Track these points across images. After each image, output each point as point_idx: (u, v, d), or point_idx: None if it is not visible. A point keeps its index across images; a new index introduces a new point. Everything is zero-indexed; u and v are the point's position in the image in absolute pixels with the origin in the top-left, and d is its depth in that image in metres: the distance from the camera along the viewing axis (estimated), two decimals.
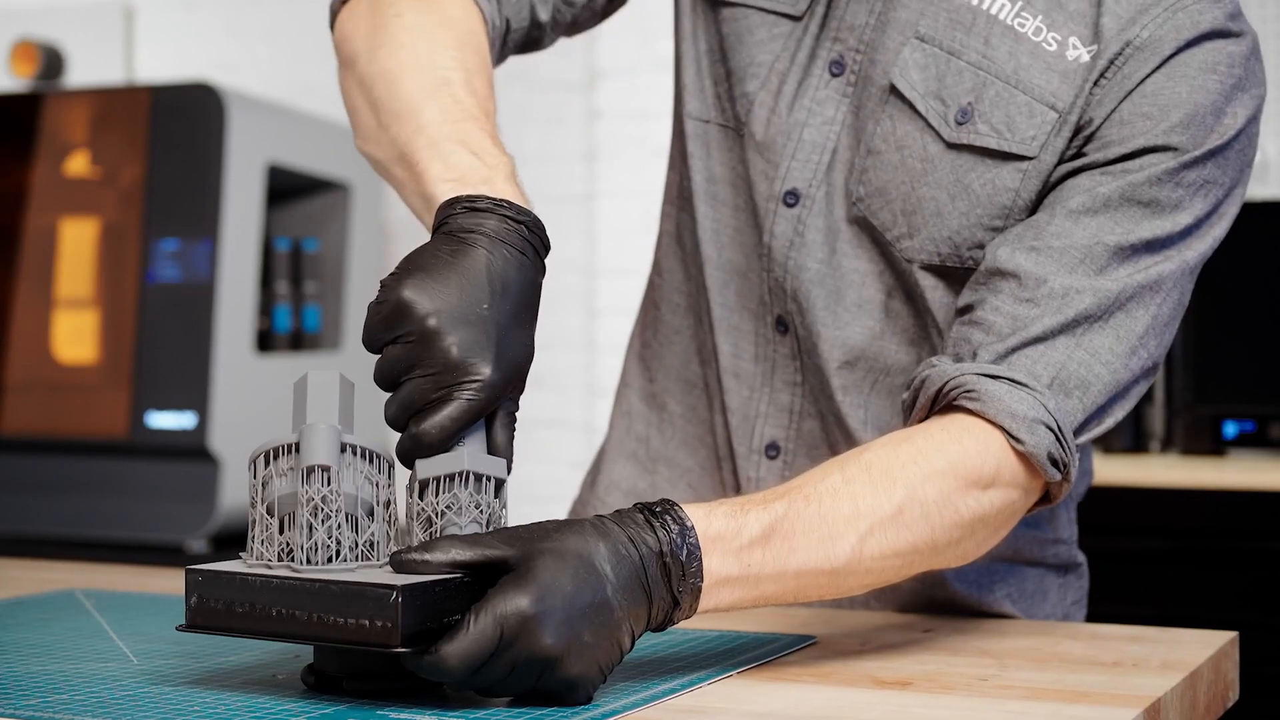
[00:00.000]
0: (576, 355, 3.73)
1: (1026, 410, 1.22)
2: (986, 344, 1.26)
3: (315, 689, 1.06)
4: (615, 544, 1.04)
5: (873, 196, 1.36)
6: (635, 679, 1.10)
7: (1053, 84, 1.30)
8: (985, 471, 1.21)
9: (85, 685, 1.08)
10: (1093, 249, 1.26)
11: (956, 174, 1.32)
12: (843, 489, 1.16)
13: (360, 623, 0.98)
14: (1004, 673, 1.18)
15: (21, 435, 3.07)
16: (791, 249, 1.40)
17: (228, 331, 2.98)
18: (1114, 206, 1.26)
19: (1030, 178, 1.31)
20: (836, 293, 1.38)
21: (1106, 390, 1.26)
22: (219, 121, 2.99)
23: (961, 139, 1.32)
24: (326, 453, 1.04)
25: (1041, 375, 1.24)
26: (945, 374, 1.24)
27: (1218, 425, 3.20)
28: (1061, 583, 1.50)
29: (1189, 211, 1.27)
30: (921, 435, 1.22)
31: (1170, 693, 1.13)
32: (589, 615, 1.01)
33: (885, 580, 1.20)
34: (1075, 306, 1.25)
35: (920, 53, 1.34)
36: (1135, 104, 1.27)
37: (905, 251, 1.35)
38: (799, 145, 1.39)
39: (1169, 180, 1.26)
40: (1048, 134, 1.30)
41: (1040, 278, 1.26)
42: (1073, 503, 1.50)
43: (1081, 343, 1.25)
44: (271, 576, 1.01)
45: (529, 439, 3.75)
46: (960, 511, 1.20)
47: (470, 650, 0.98)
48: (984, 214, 1.32)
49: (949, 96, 1.32)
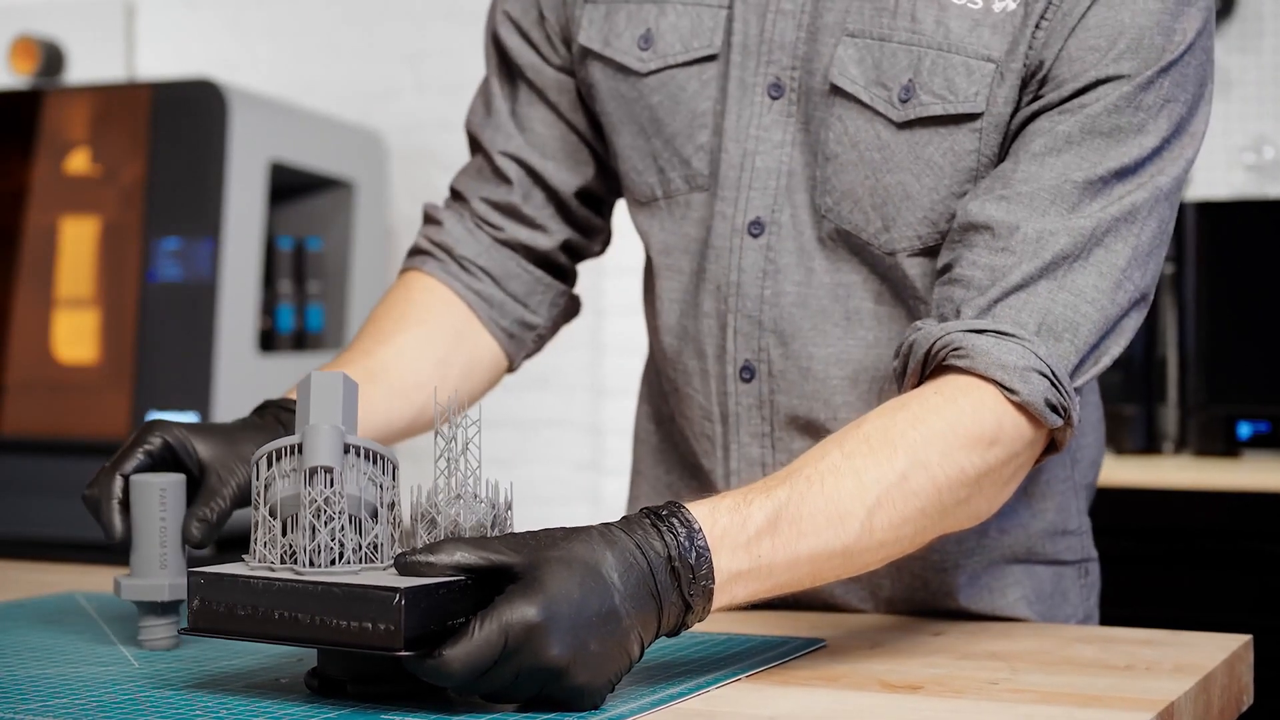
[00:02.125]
0: (582, 355, 3.72)
1: (1017, 360, 1.22)
2: (968, 299, 1.26)
3: (319, 693, 1.05)
4: (623, 552, 1.04)
5: (841, 202, 1.36)
6: (643, 683, 1.09)
7: (984, 38, 1.30)
8: (985, 428, 1.21)
9: (86, 689, 1.07)
10: (1061, 188, 1.26)
11: (915, 151, 1.33)
12: (844, 465, 1.16)
13: (363, 625, 0.98)
14: (1015, 676, 1.17)
15: (21, 436, 3.06)
16: (765, 279, 1.39)
17: (230, 331, 2.97)
18: (1076, 142, 1.27)
19: (988, 134, 1.31)
20: (822, 311, 1.38)
21: (1097, 329, 1.26)
22: (221, 119, 2.98)
23: (909, 115, 1.32)
24: (329, 454, 1.04)
25: (1028, 323, 1.24)
26: (931, 335, 1.24)
27: (1231, 426, 3.19)
28: (1083, 583, 1.49)
29: (1153, 134, 1.27)
30: (917, 400, 1.22)
31: (1184, 697, 1.12)
32: (596, 625, 1.00)
33: (900, 550, 1.20)
34: (1051, 248, 1.25)
35: (853, 48, 1.35)
36: (1080, 39, 1.27)
37: (885, 245, 1.35)
38: (754, 174, 1.39)
39: (1127, 106, 1.27)
40: (989, 86, 1.30)
41: (1013, 225, 1.26)
42: (1083, 493, 1.49)
43: (1064, 284, 1.25)
44: (274, 579, 1.01)
45: (533, 439, 3.74)
46: (965, 470, 1.20)
47: (473, 656, 0.97)
48: (952, 183, 1.33)
49: (889, 80, 1.33)
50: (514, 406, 3.64)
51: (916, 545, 1.22)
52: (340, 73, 3.94)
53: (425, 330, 1.46)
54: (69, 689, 1.07)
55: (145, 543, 1.21)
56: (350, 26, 3.95)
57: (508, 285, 1.51)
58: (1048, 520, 1.45)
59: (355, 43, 3.94)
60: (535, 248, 1.52)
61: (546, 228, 1.52)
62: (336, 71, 3.94)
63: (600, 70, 1.46)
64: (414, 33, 3.89)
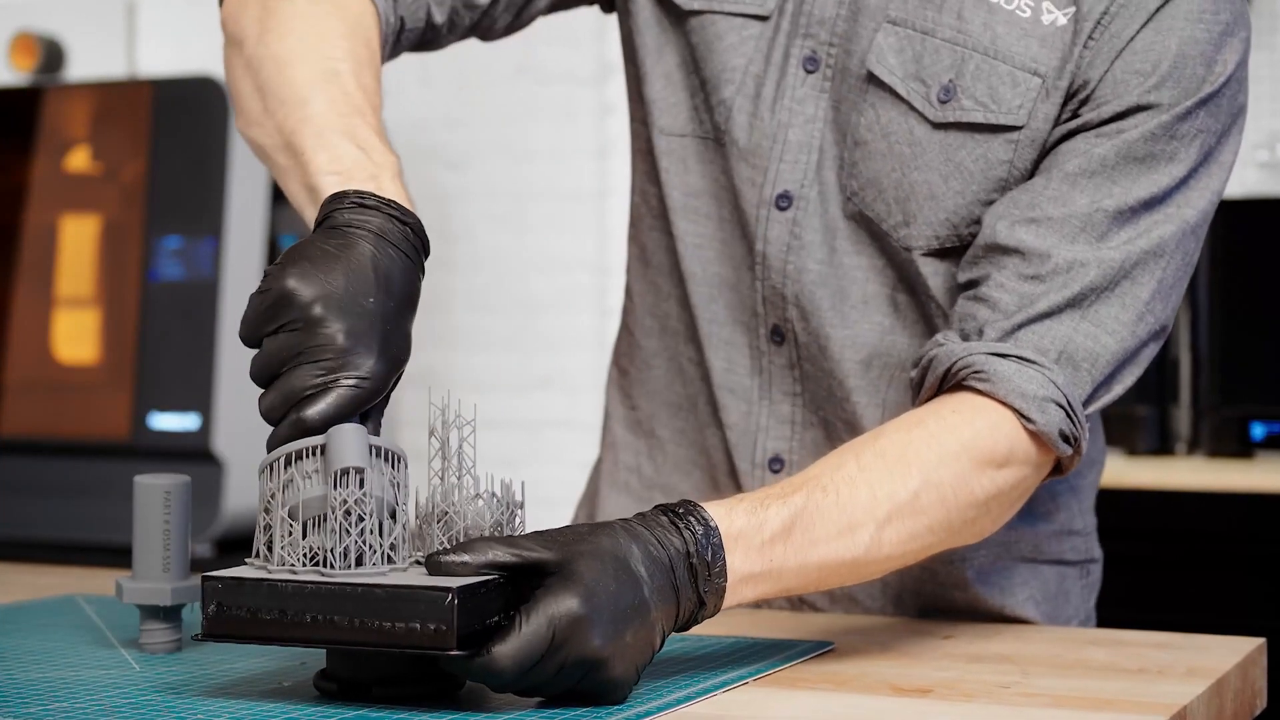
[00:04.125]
0: (588, 355, 3.72)
1: (1036, 389, 1.23)
2: (993, 321, 1.27)
3: (338, 697, 1.04)
4: (646, 545, 1.05)
5: (866, 188, 1.35)
6: (651, 687, 1.09)
7: (1032, 49, 1.30)
8: (999, 451, 1.23)
9: (86, 693, 1.06)
10: (1092, 216, 1.27)
11: (946, 153, 1.32)
12: (859, 477, 1.18)
13: (410, 626, 0.97)
14: (1026, 680, 1.16)
15: (21, 437, 3.06)
16: (789, 253, 1.38)
17: (232, 331, 2.96)
18: (1111, 166, 1.27)
19: (1024, 147, 1.31)
20: (841, 292, 1.38)
21: (1115, 359, 1.27)
22: (223, 115, 2.97)
23: (947, 117, 1.32)
24: (357, 454, 1.03)
25: (1049, 350, 1.26)
26: (953, 354, 1.25)
27: (1245, 427, 3.18)
28: (1084, 584, 1.49)
29: (1183, 162, 1.28)
30: (934, 418, 1.23)
31: (1196, 700, 1.12)
32: (631, 616, 1.01)
33: (905, 563, 1.23)
34: (1081, 280, 1.26)
35: (894, 36, 1.34)
36: (1126, 61, 1.28)
37: (903, 240, 1.35)
38: (785, 147, 1.39)
39: (1164, 134, 1.27)
40: (1034, 100, 1.30)
41: (1044, 253, 1.27)
42: (1087, 493, 1.49)
43: (1088, 315, 1.27)
44: (305, 581, 1.00)
45: (539, 440, 3.74)
46: (975, 492, 1.22)
47: (523, 652, 0.98)
48: (979, 190, 1.32)
49: (929, 76, 1.32)
50: (519, 407, 3.64)
51: (920, 559, 1.24)
52: None
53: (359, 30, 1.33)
54: (69, 692, 1.06)
55: (148, 545, 1.20)
56: None
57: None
58: (1055, 521, 1.45)
59: None
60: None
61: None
62: None
63: None
64: None
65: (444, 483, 1.07)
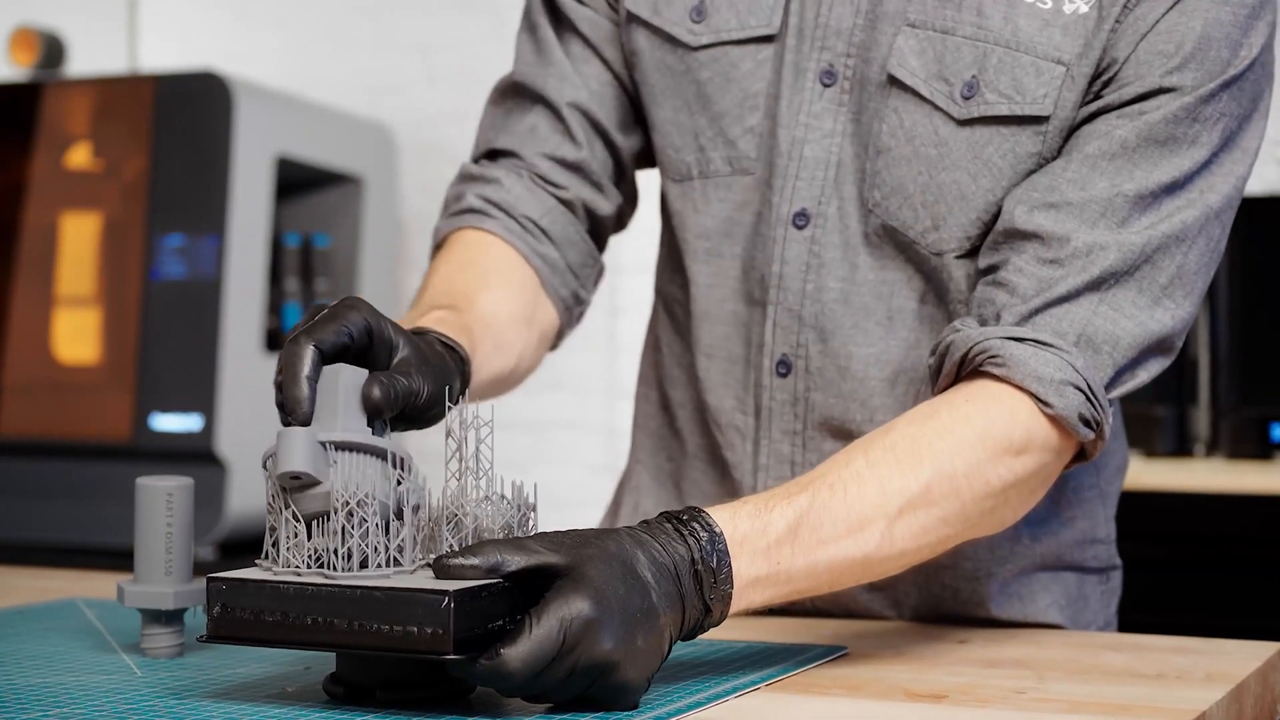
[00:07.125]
0: (597, 355, 3.71)
1: (1054, 373, 1.22)
2: (1010, 305, 1.26)
3: (344, 700, 1.04)
4: (651, 551, 1.04)
5: (890, 197, 1.34)
6: (663, 691, 1.08)
7: (1054, 39, 1.29)
8: (1015, 438, 1.21)
9: (87, 698, 1.06)
10: (1112, 201, 1.26)
11: (974, 150, 1.31)
12: (867, 473, 1.17)
13: (408, 629, 0.97)
14: (1042, 685, 1.16)
15: (21, 438, 3.05)
16: (809, 272, 1.37)
17: (235, 330, 2.96)
18: (1131, 148, 1.26)
19: (1051, 138, 1.30)
20: (864, 309, 1.36)
21: (1136, 343, 1.26)
22: (226, 112, 2.97)
23: (972, 113, 1.31)
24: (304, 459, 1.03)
25: (1068, 333, 1.25)
26: (970, 339, 1.24)
27: (1265, 428, 3.17)
28: (1104, 589, 1.48)
29: (1204, 146, 1.27)
30: (947, 409, 1.22)
31: (1215, 706, 1.11)
32: (640, 620, 1.01)
33: (922, 558, 1.21)
34: (1100, 264, 1.25)
35: (914, 39, 1.33)
36: (1151, 42, 1.27)
37: (933, 245, 1.33)
38: (801, 164, 1.37)
39: (1186, 117, 1.26)
40: (1058, 89, 1.29)
41: (1063, 237, 1.26)
42: (1110, 500, 1.48)
43: (1106, 298, 1.26)
44: (307, 584, 1.00)
45: (548, 441, 3.72)
46: (991, 481, 1.20)
47: (534, 654, 0.97)
48: (1009, 186, 1.31)
49: (951, 75, 1.31)
50: (528, 408, 3.63)
51: (939, 552, 1.22)
52: (349, 64, 3.92)
53: (510, 290, 1.39)
54: (69, 698, 1.06)
55: (151, 548, 1.19)
56: (359, 17, 3.93)
57: (567, 253, 1.45)
58: (1078, 529, 1.44)
59: (364, 34, 3.92)
60: (596, 211, 1.46)
61: (606, 191, 1.47)
62: (345, 63, 3.93)
63: (646, 39, 1.43)
64: (424, 23, 3.87)
65: (459, 484, 1.06)
